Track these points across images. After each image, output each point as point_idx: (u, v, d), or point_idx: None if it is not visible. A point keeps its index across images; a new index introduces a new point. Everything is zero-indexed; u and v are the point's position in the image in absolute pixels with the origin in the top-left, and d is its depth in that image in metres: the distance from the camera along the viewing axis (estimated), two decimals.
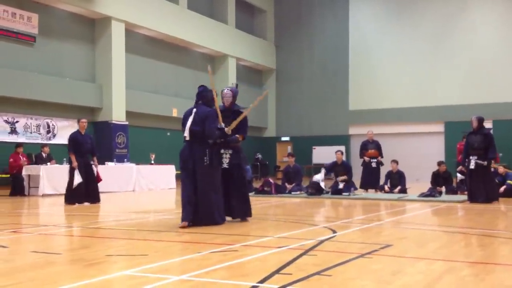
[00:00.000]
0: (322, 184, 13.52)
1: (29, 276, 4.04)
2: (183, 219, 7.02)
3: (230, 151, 7.64)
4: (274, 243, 5.61)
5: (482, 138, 11.12)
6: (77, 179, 11.22)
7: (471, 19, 25.56)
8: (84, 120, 11.93)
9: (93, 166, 11.72)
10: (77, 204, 11.10)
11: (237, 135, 7.67)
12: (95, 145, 12.08)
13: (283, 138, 29.89)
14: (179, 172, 21.13)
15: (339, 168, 14.34)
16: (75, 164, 11.27)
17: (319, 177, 13.67)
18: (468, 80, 25.34)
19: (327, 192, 13.43)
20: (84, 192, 11.36)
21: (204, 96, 7.41)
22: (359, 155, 16.14)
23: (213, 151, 7.26)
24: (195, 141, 7.19)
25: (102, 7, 19.09)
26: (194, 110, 7.30)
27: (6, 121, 16.89)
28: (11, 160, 14.86)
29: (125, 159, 18.75)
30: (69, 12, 18.89)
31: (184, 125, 7.33)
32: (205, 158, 7.09)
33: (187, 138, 7.24)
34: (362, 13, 27.97)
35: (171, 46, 23.41)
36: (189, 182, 7.13)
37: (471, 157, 11.08)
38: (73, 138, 11.58)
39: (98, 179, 11.95)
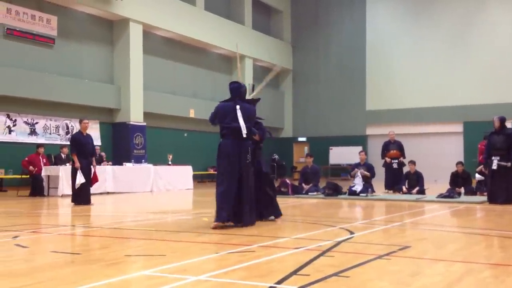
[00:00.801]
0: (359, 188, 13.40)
1: (48, 276, 4.09)
2: (219, 219, 6.89)
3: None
4: (291, 244, 5.61)
5: (504, 138, 10.99)
6: (80, 179, 11.21)
7: (490, 18, 25.27)
8: (86, 121, 11.85)
9: (92, 167, 11.68)
10: (82, 205, 11.12)
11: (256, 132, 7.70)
12: (94, 146, 12.03)
13: (300, 139, 29.84)
14: (197, 172, 21.21)
15: (361, 169, 14.26)
16: (77, 164, 11.25)
17: (357, 181, 13.57)
18: (487, 80, 25.05)
19: (345, 193, 13.38)
20: (87, 192, 11.39)
21: (241, 92, 7.30)
22: (380, 156, 16.00)
23: (252, 150, 7.30)
24: (242, 139, 7.10)
25: (120, 9, 19.25)
26: (238, 106, 7.15)
27: (26, 122, 17.10)
28: (27, 159, 14.97)
29: (143, 160, 18.86)
30: (87, 14, 19.07)
31: (221, 120, 7.17)
32: (248, 156, 7.09)
33: (244, 135, 7.07)
34: (379, 12, 27.81)
35: (188, 47, 23.51)
36: (232, 178, 6.99)
37: (493, 158, 10.95)
38: (75, 138, 11.55)
39: (95, 179, 11.92)
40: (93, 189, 14.91)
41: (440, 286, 3.75)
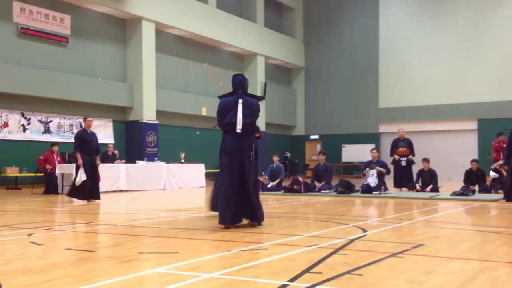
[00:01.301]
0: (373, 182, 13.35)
1: (63, 273, 4.11)
2: (224, 221, 6.60)
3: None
4: (303, 242, 5.59)
5: None
6: (82, 177, 11.30)
7: (505, 14, 25.02)
8: (90, 118, 11.92)
9: (96, 164, 11.79)
10: (80, 201, 11.32)
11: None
12: (98, 143, 12.10)
13: (312, 137, 29.78)
14: (209, 170, 21.27)
15: (374, 167, 14.18)
16: (80, 162, 11.36)
17: (371, 180, 13.51)
18: (501, 77, 24.81)
19: (357, 191, 13.33)
20: (89, 190, 11.48)
21: (244, 85, 6.94)
22: (389, 154, 15.93)
23: (257, 146, 6.97)
24: (245, 134, 6.77)
25: (132, 8, 19.33)
26: (240, 100, 6.79)
27: (40, 121, 17.24)
28: (41, 157, 15.15)
29: (156, 158, 18.94)
30: (100, 13, 19.18)
31: (224, 116, 6.83)
32: (251, 152, 6.76)
33: (239, 131, 6.71)
34: (392, 9, 27.65)
35: (201, 45, 23.55)
36: (235, 177, 6.66)
37: None
38: (80, 136, 11.64)
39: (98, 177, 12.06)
40: (107, 187, 15.13)
41: (454, 285, 3.72)
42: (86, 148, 11.50)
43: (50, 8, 17.42)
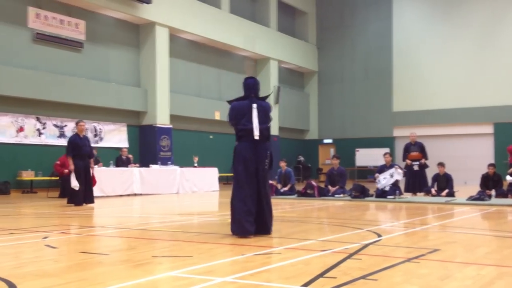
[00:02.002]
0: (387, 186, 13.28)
1: (77, 276, 4.13)
2: (245, 233, 6.19)
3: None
4: (317, 246, 5.56)
5: None
6: (74, 182, 11.35)
7: None
8: (82, 122, 11.95)
9: (90, 168, 11.83)
10: (79, 206, 11.34)
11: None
12: (91, 148, 12.16)
13: (326, 141, 29.70)
14: (222, 174, 21.27)
15: (387, 170, 14.09)
16: (72, 167, 11.42)
17: (384, 182, 13.43)
18: None
19: (372, 195, 13.25)
20: (83, 194, 11.51)
21: (257, 89, 6.64)
22: (402, 158, 15.79)
23: (271, 153, 6.66)
24: (261, 140, 6.46)
25: (146, 13, 19.44)
26: (255, 105, 6.49)
27: (55, 125, 17.38)
28: (58, 162, 15.26)
29: (169, 162, 19.00)
30: (114, 18, 19.31)
31: (237, 121, 6.52)
32: (266, 160, 6.52)
33: (257, 137, 6.40)
34: (406, 12, 27.52)
35: (214, 49, 23.62)
36: (251, 186, 6.37)
37: None
38: (72, 141, 11.68)
39: (93, 181, 12.08)
40: (121, 191, 15.21)
41: None
42: (79, 153, 11.53)
43: (65, 14, 17.58)
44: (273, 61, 26.27)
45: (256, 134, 6.40)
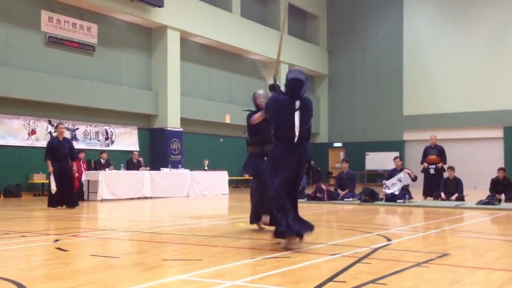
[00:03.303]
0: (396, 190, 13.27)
1: (88, 279, 4.17)
2: (291, 232, 5.62)
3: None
4: (327, 250, 5.57)
5: None
6: (53, 185, 11.32)
7: None
8: (62, 125, 11.92)
9: (73, 171, 11.74)
10: (54, 209, 11.27)
11: None
12: (74, 150, 12.02)
13: (336, 144, 29.65)
14: (232, 177, 21.29)
15: (397, 174, 14.05)
16: (50, 169, 11.41)
17: (392, 189, 13.41)
18: None
19: (381, 199, 13.22)
20: (59, 197, 11.39)
21: (304, 92, 5.97)
22: (420, 161, 15.63)
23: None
24: (301, 142, 5.83)
25: (158, 17, 19.55)
26: (298, 102, 5.81)
27: (67, 128, 17.49)
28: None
29: (180, 165, 19.07)
30: (126, 22, 19.44)
31: (276, 119, 5.89)
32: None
33: (297, 139, 5.76)
34: (417, 16, 27.44)
35: (225, 53, 23.69)
36: (289, 189, 5.85)
37: None
38: (49, 144, 11.72)
39: (75, 184, 11.97)
40: (132, 194, 15.28)
41: None
42: (56, 156, 11.47)
43: (77, 17, 17.73)
44: (284, 64, 26.27)
45: (296, 136, 5.73)
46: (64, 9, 17.37)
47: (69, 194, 11.62)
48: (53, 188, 11.32)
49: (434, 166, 15.00)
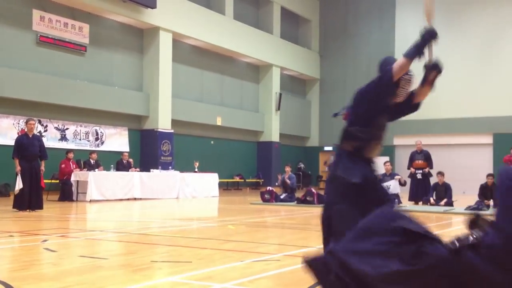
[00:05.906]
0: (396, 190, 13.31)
1: (76, 280, 4.15)
2: None
3: None
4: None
5: None
6: (19, 185, 10.59)
7: None
8: (32, 121, 11.10)
9: (40, 170, 10.94)
10: (20, 211, 10.55)
11: None
12: (44, 148, 11.21)
13: (326, 148, 29.69)
14: (222, 180, 21.20)
15: (387, 179, 14.10)
16: (18, 168, 10.68)
17: (392, 185, 13.41)
18: None
19: None
20: (27, 199, 10.65)
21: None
22: (407, 166, 15.73)
23: None
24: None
25: (150, 18, 19.52)
26: None
27: (57, 128, 17.42)
28: (63, 166, 15.33)
29: (170, 167, 19.02)
30: (118, 22, 19.38)
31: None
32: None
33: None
34: (408, 22, 27.58)
35: (217, 55, 23.68)
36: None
37: None
38: (17, 141, 10.94)
39: (42, 185, 11.24)
40: (121, 195, 15.22)
41: None
42: (24, 154, 10.74)
43: (69, 17, 17.65)
44: (276, 67, 26.33)
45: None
46: (56, 8, 17.29)
47: (36, 196, 10.82)
48: (17, 188, 10.62)
49: (421, 171, 15.07)
